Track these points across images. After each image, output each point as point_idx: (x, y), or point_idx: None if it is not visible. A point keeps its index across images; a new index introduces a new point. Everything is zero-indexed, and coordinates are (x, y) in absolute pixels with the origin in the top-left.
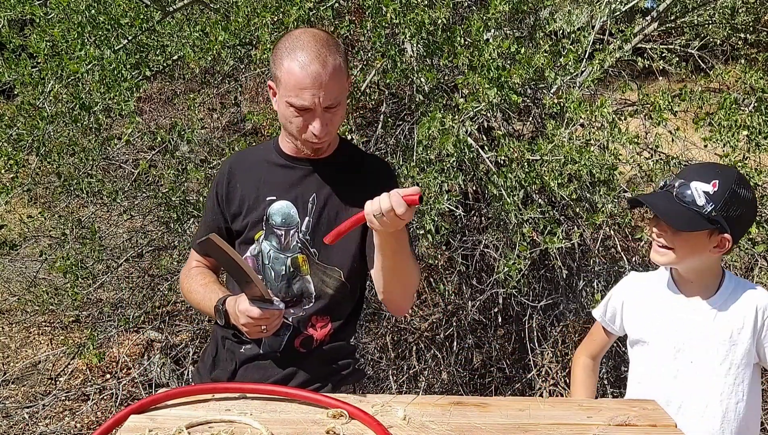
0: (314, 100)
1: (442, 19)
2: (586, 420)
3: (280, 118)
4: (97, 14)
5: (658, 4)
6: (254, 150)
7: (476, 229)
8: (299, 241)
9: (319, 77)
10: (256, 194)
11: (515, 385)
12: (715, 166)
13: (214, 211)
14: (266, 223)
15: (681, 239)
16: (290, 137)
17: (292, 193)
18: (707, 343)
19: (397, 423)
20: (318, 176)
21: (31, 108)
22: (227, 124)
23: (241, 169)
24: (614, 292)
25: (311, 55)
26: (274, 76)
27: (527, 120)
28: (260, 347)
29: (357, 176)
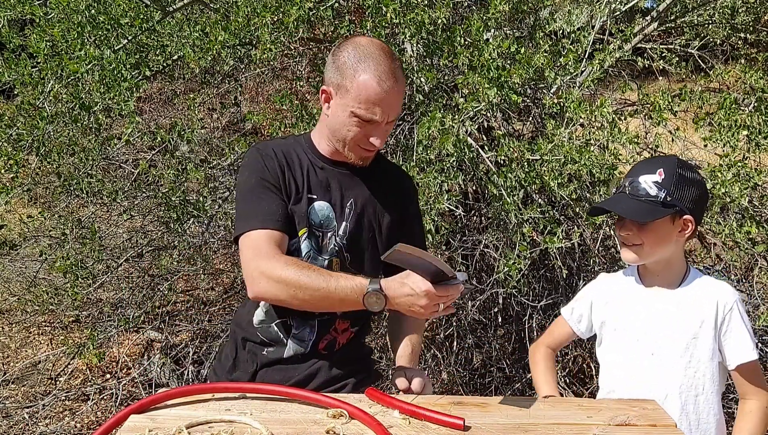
0: (384, 116)
1: (442, 19)
2: (586, 420)
3: (335, 125)
4: (97, 14)
5: (658, 4)
6: (287, 144)
7: (476, 229)
8: (336, 245)
9: (392, 93)
10: (299, 190)
11: (515, 385)
12: (656, 158)
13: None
14: (308, 222)
15: (647, 232)
16: (338, 143)
17: (330, 196)
18: (668, 335)
19: (397, 423)
20: (356, 182)
21: (31, 108)
22: (227, 124)
23: (289, 161)
24: (583, 293)
25: (386, 70)
26: (338, 84)
27: (527, 120)
28: (284, 351)
29: (389, 186)
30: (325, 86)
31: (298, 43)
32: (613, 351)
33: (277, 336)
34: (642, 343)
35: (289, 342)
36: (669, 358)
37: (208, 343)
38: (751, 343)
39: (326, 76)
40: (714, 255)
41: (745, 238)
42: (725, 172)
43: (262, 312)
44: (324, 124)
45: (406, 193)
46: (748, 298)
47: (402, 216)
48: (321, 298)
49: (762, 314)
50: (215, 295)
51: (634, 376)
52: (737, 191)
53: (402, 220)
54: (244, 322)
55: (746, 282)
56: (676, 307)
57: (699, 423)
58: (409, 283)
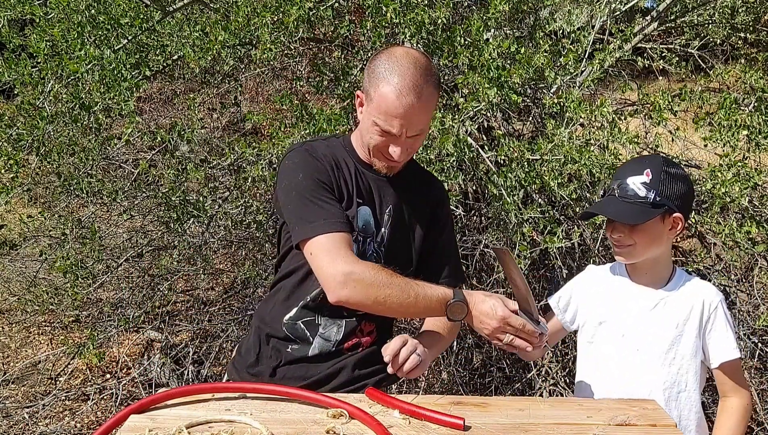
0: (402, 130)
1: (442, 19)
2: (586, 420)
3: (363, 129)
4: (97, 14)
5: (658, 4)
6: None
7: (476, 229)
8: (374, 251)
9: (411, 109)
10: (348, 194)
11: (515, 384)
12: (641, 159)
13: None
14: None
15: (639, 233)
16: (365, 148)
17: (372, 201)
18: (653, 331)
19: (397, 423)
20: (391, 188)
21: (31, 108)
22: (227, 123)
23: (338, 164)
24: (570, 284)
25: (408, 84)
26: (367, 92)
27: (527, 120)
28: (309, 349)
29: (419, 192)
30: (359, 91)
31: (298, 43)
32: (597, 344)
33: (303, 334)
34: (628, 338)
35: (315, 340)
36: (654, 355)
37: (208, 343)
38: (734, 343)
39: (363, 82)
40: (714, 255)
41: (745, 238)
42: (725, 172)
43: (294, 314)
44: (359, 128)
45: (437, 199)
46: (748, 298)
47: (431, 223)
48: (408, 305)
49: (762, 314)
50: (215, 295)
51: (619, 371)
52: (737, 191)
53: (430, 228)
54: (270, 318)
55: (746, 282)
56: (663, 305)
57: (680, 420)
58: (491, 301)
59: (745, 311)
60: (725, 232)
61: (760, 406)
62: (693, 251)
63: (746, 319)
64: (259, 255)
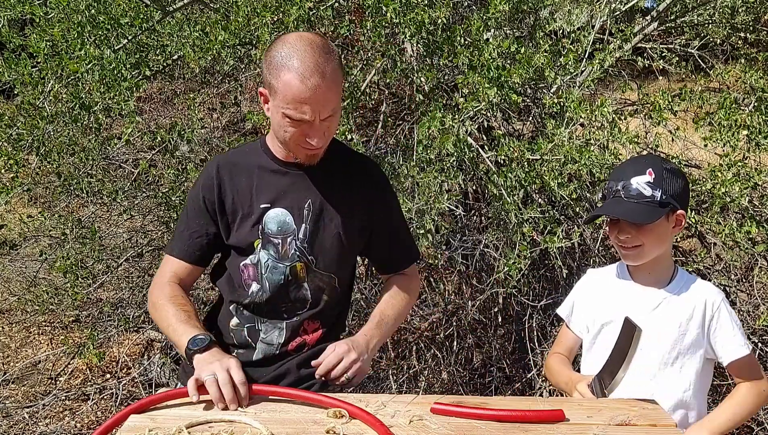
0: (314, 114)
1: (442, 19)
2: (586, 420)
3: (274, 126)
4: (97, 14)
5: (658, 4)
6: (241, 153)
7: (476, 229)
8: (297, 249)
9: (319, 90)
10: (249, 202)
11: (515, 384)
12: (640, 158)
13: (202, 216)
14: (262, 232)
15: (646, 233)
16: (281, 144)
17: (287, 200)
18: (656, 331)
19: (397, 423)
20: (312, 181)
21: (31, 108)
22: (227, 123)
23: (231, 175)
24: (573, 291)
25: (310, 66)
26: (269, 84)
27: (527, 120)
28: (253, 353)
29: (353, 179)
30: (261, 89)
31: None
32: (600, 345)
33: (246, 340)
34: None
35: (258, 345)
36: (657, 355)
37: None
38: (742, 339)
39: (262, 76)
40: (714, 255)
41: (745, 238)
42: (725, 172)
43: (236, 318)
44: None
45: (374, 183)
46: (748, 298)
47: (372, 208)
48: (166, 333)
49: (762, 314)
50: (215, 295)
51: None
52: (737, 191)
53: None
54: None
55: (746, 282)
56: (666, 305)
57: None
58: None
59: (745, 311)
60: (725, 232)
61: None
62: (693, 251)
63: (746, 319)
64: None
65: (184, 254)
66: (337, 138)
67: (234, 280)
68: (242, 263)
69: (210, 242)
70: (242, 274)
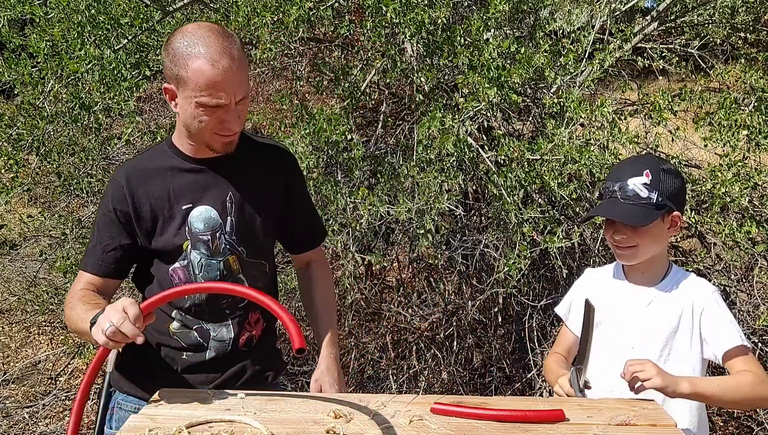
0: (230, 97)
1: (442, 19)
2: (586, 420)
3: (186, 120)
4: (97, 14)
5: (658, 4)
6: (148, 158)
7: (476, 229)
8: (227, 243)
9: (230, 72)
10: (169, 205)
11: (515, 384)
12: (637, 159)
13: (114, 229)
14: (189, 233)
15: (642, 234)
16: (195, 138)
17: (209, 197)
18: (647, 329)
19: (397, 423)
20: (228, 174)
21: (31, 108)
22: None
23: (143, 182)
24: (571, 290)
25: (218, 49)
26: (176, 78)
27: (527, 120)
28: (206, 354)
29: (266, 164)
30: (166, 84)
31: (298, 43)
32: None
33: (197, 341)
34: (623, 337)
35: (210, 344)
36: (649, 352)
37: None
38: (736, 331)
39: (165, 73)
40: (714, 255)
41: (745, 238)
42: (725, 172)
43: (178, 323)
44: (179, 122)
45: (287, 165)
46: (748, 298)
47: (286, 190)
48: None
49: (762, 314)
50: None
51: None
52: (737, 191)
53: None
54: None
55: (746, 282)
56: (657, 302)
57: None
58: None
59: (745, 311)
60: (725, 232)
61: None
62: (693, 251)
63: (746, 319)
64: None
65: (97, 269)
66: (337, 138)
67: (165, 287)
68: (171, 269)
69: (124, 255)
70: (172, 279)
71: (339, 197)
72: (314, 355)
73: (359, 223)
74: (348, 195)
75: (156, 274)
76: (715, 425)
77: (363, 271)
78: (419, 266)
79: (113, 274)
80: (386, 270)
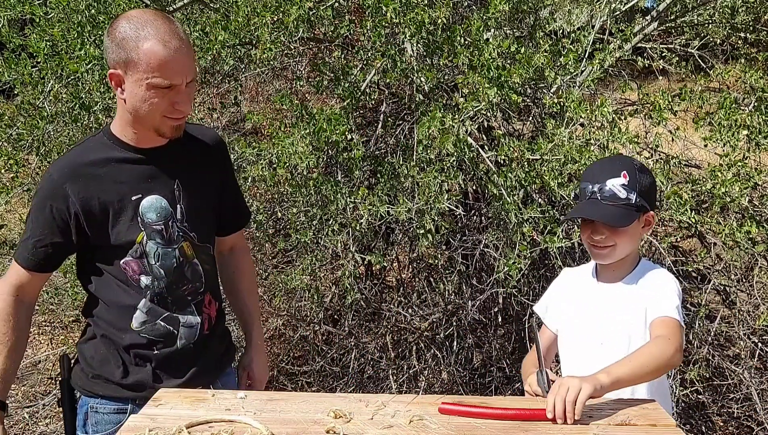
0: (182, 76)
1: (442, 19)
2: (586, 420)
3: (135, 104)
4: (97, 14)
5: (658, 4)
6: (86, 151)
7: (476, 229)
8: (179, 229)
9: (181, 52)
10: (118, 197)
11: (515, 384)
12: (613, 160)
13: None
14: (143, 224)
15: (620, 234)
16: (143, 122)
17: (157, 186)
18: (614, 325)
19: (397, 423)
20: (171, 161)
21: (31, 108)
22: (227, 123)
23: (87, 178)
24: (549, 289)
25: (167, 31)
26: (125, 62)
27: (527, 119)
28: (176, 343)
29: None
30: (111, 70)
31: (298, 43)
32: (568, 343)
33: (166, 330)
34: (592, 334)
35: (180, 331)
36: (616, 346)
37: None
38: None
39: (110, 60)
40: (714, 255)
41: (745, 238)
42: (725, 171)
43: (143, 314)
44: (124, 111)
45: (218, 149)
46: (748, 298)
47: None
48: None
49: (762, 314)
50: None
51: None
52: (737, 191)
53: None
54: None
55: (746, 282)
56: (622, 298)
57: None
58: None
59: (745, 311)
60: (725, 232)
61: (760, 405)
62: (693, 251)
63: (746, 319)
64: (259, 255)
65: (27, 263)
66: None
67: (119, 281)
68: (122, 262)
69: (55, 251)
70: (126, 271)
71: (339, 197)
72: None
73: (359, 223)
74: (348, 195)
75: (107, 270)
76: (715, 425)
77: (363, 271)
78: (419, 266)
79: (41, 269)
80: (386, 270)
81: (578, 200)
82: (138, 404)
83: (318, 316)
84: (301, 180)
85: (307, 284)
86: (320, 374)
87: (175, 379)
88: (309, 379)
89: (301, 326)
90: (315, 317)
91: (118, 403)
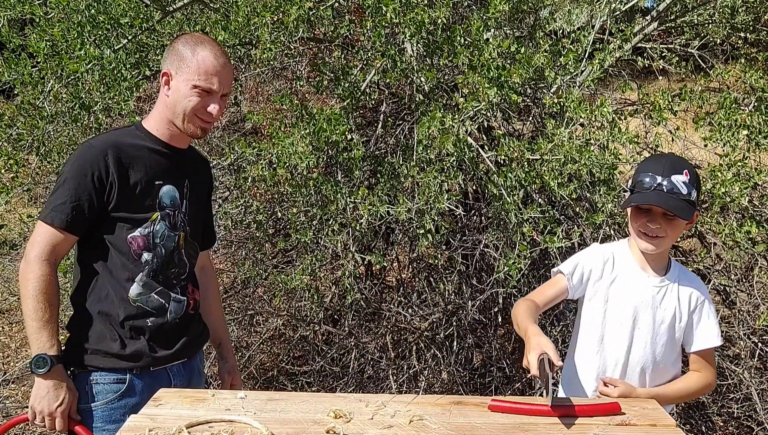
0: (220, 85)
1: (442, 19)
2: (586, 420)
3: (177, 99)
4: (97, 14)
5: (658, 4)
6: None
7: (476, 229)
8: (182, 220)
9: (226, 67)
10: (147, 178)
11: (515, 384)
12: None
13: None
14: (160, 206)
15: (674, 226)
16: (177, 117)
17: (173, 178)
18: (653, 314)
19: (397, 423)
20: (186, 165)
21: (31, 108)
22: (227, 123)
23: (127, 155)
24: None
25: (218, 50)
26: (179, 65)
27: (527, 119)
28: (167, 315)
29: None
30: (165, 70)
31: (298, 43)
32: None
33: (159, 303)
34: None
35: (171, 305)
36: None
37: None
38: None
39: (165, 64)
40: (714, 255)
41: (745, 237)
42: (725, 171)
43: (139, 286)
44: (163, 106)
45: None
46: (748, 298)
47: (209, 190)
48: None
49: (762, 314)
50: None
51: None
52: (737, 191)
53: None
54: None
55: (746, 282)
56: (665, 290)
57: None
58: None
59: (745, 311)
60: (725, 232)
61: (760, 406)
62: (693, 251)
63: (746, 319)
64: (259, 255)
65: (65, 224)
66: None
67: (123, 252)
68: (130, 235)
69: (91, 216)
70: (131, 245)
71: (339, 197)
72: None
73: (359, 223)
74: (348, 195)
75: (114, 242)
76: (715, 425)
77: (363, 271)
78: (419, 266)
79: (76, 230)
80: (386, 270)
81: (634, 191)
82: (135, 374)
83: (318, 316)
84: (301, 180)
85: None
86: (320, 374)
87: (167, 350)
88: (309, 379)
89: (301, 326)
90: (315, 317)
91: (117, 373)
